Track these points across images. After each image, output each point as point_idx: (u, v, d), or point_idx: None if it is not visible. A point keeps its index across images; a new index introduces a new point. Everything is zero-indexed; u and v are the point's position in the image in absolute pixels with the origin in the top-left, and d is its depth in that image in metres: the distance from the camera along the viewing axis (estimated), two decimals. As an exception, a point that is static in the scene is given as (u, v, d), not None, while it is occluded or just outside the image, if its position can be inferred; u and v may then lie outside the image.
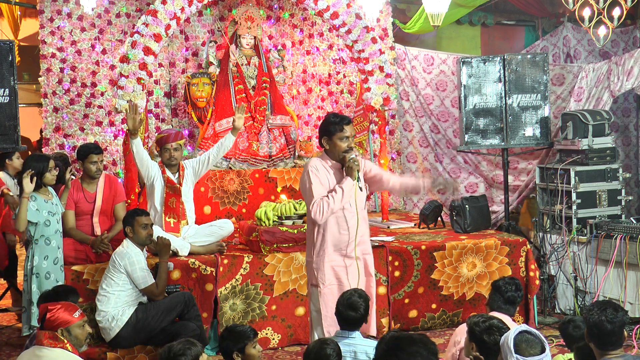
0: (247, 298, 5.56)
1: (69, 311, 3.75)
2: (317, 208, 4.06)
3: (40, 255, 4.93)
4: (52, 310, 3.72)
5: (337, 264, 4.24)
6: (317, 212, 4.07)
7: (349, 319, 3.83)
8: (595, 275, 6.06)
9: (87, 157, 5.54)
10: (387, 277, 5.84)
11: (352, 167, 4.14)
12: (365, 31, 7.15)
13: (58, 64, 7.37)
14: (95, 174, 5.58)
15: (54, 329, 3.69)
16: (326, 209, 4.06)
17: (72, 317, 3.74)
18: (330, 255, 4.21)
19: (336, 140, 4.18)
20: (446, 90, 8.43)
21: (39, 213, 4.90)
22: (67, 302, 3.95)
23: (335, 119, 4.22)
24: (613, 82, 7.11)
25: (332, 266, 4.22)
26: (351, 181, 4.14)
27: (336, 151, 4.20)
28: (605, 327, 3.24)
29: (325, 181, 4.17)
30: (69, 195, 5.47)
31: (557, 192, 6.47)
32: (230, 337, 3.80)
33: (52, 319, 3.69)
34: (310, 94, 8.30)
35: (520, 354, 2.97)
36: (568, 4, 6.36)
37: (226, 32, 7.58)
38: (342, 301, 3.85)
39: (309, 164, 4.20)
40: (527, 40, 9.78)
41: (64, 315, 3.71)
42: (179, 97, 7.71)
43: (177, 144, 5.81)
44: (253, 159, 7.26)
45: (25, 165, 4.96)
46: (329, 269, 4.20)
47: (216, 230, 5.84)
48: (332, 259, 4.22)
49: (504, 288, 4.10)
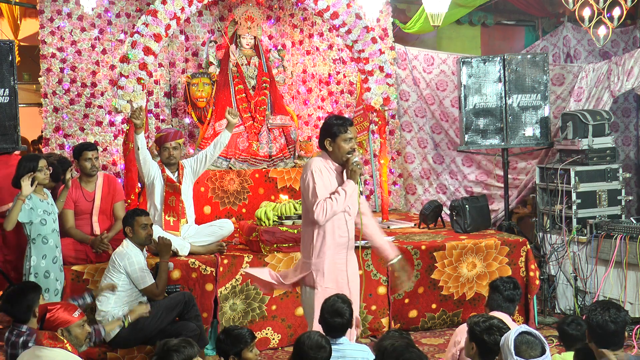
0: (247, 298, 5.56)
1: (69, 311, 3.75)
2: (321, 209, 4.05)
3: (38, 254, 4.92)
4: (52, 310, 3.71)
5: (337, 267, 4.22)
6: (321, 213, 4.05)
7: (335, 326, 3.75)
8: (595, 275, 6.06)
9: (81, 155, 5.58)
10: (387, 277, 5.84)
11: (356, 171, 4.15)
12: (365, 31, 7.15)
13: (58, 64, 7.37)
14: (90, 170, 5.59)
15: (54, 329, 3.68)
16: (329, 210, 4.05)
17: (72, 317, 3.74)
18: (330, 257, 4.19)
19: (340, 142, 4.16)
20: (446, 90, 8.42)
21: (33, 212, 4.89)
22: (66, 302, 3.97)
23: (338, 121, 4.21)
24: (613, 82, 7.11)
25: (332, 269, 4.20)
26: (354, 184, 4.14)
27: (339, 153, 4.18)
28: (609, 327, 3.24)
29: (328, 183, 4.16)
30: (68, 195, 5.48)
31: (557, 192, 6.47)
32: (227, 340, 3.77)
33: (51, 319, 3.68)
34: (310, 94, 8.29)
35: (521, 356, 2.96)
36: (568, 4, 6.36)
37: (226, 32, 7.58)
38: (327, 308, 3.77)
39: (312, 164, 4.17)
40: (527, 40, 9.78)
41: (63, 315, 3.71)
42: (179, 97, 7.71)
43: (176, 142, 5.83)
44: (253, 159, 7.26)
45: (19, 165, 4.96)
46: (328, 271, 4.18)
47: (216, 230, 5.85)
48: (331, 261, 4.20)
49: (503, 287, 4.11)
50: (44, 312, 3.72)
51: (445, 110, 8.40)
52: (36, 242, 4.93)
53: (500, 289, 4.10)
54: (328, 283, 4.18)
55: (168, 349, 3.27)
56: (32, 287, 4.20)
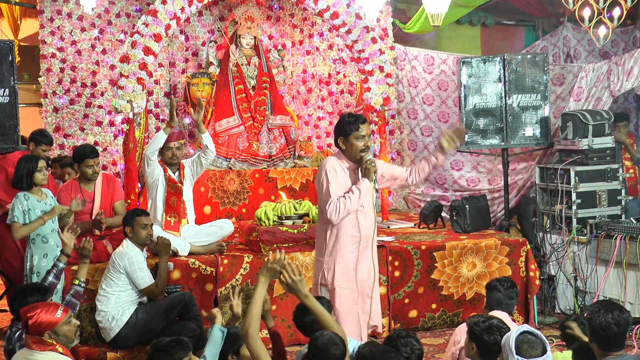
0: (247, 298, 5.56)
1: (51, 312, 3.54)
2: (334, 208, 4.08)
3: (39, 254, 4.93)
4: (32, 316, 3.50)
5: (349, 266, 4.23)
6: (333, 212, 4.08)
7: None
8: (595, 275, 6.06)
9: (83, 161, 5.56)
10: (387, 277, 5.84)
11: (370, 169, 4.15)
12: (365, 31, 7.15)
13: (58, 64, 7.37)
14: (92, 176, 5.60)
15: (41, 333, 3.51)
16: (342, 209, 4.08)
17: (55, 317, 3.53)
18: (343, 256, 4.20)
19: (352, 140, 4.18)
20: (447, 90, 8.42)
21: (31, 213, 4.90)
22: (45, 302, 3.77)
23: (350, 118, 4.22)
24: (613, 82, 7.11)
25: (343, 268, 4.21)
26: (368, 183, 4.15)
27: (353, 151, 4.20)
28: (612, 330, 3.22)
29: (342, 182, 4.18)
30: (67, 195, 5.49)
31: (557, 192, 6.47)
32: (225, 338, 3.75)
33: (35, 325, 3.49)
34: (310, 94, 8.30)
35: (522, 355, 2.96)
36: (568, 4, 6.36)
37: (226, 32, 7.58)
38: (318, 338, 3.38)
39: (327, 164, 4.20)
40: (527, 40, 9.78)
41: (45, 317, 3.51)
42: (179, 97, 7.71)
43: (179, 143, 5.82)
44: (253, 159, 7.26)
45: (18, 166, 4.98)
46: (339, 270, 4.20)
47: (216, 230, 5.85)
48: (344, 260, 4.21)
49: (500, 285, 4.10)
50: (26, 319, 3.51)
51: (446, 110, 8.39)
52: (36, 242, 4.94)
53: (497, 288, 4.10)
54: (341, 282, 4.19)
55: (157, 349, 3.26)
56: (37, 289, 4.12)
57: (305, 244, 5.70)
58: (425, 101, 8.51)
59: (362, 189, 4.12)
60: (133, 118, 6.58)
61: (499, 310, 4.04)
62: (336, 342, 3.30)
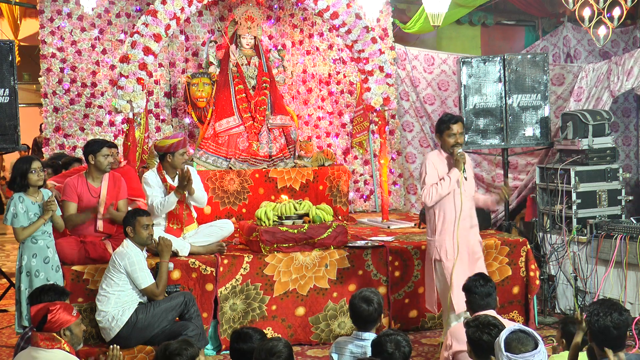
0: (247, 298, 5.56)
1: (68, 311, 3.78)
2: (427, 193, 4.85)
3: (28, 253, 4.96)
4: (53, 311, 3.71)
5: (453, 241, 4.83)
6: (427, 196, 4.85)
7: (362, 314, 3.88)
8: (595, 275, 6.06)
9: (100, 150, 5.37)
10: (387, 277, 5.84)
11: (459, 160, 4.84)
12: (365, 31, 7.15)
13: (58, 64, 7.37)
14: (107, 167, 5.44)
15: (55, 330, 3.68)
16: (434, 194, 4.82)
17: (71, 317, 3.77)
18: (449, 233, 4.86)
19: (445, 136, 4.91)
20: (448, 90, 8.43)
21: (26, 215, 4.92)
22: (63, 302, 3.95)
23: (445, 117, 4.96)
24: (613, 82, 7.11)
25: (451, 243, 4.83)
26: (457, 172, 4.84)
27: (445, 146, 4.93)
28: (611, 333, 3.19)
29: (441, 171, 4.90)
30: (72, 189, 5.40)
31: (557, 192, 6.47)
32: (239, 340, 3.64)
33: (53, 320, 3.69)
34: (310, 94, 8.29)
35: (511, 352, 2.98)
36: (568, 4, 6.36)
37: (226, 32, 7.58)
38: (356, 295, 4.00)
39: (428, 157, 4.98)
40: (527, 40, 9.78)
41: (64, 315, 3.73)
42: (179, 97, 7.71)
43: (184, 149, 5.74)
44: (253, 159, 7.25)
45: (14, 167, 5.00)
46: (449, 244, 4.83)
47: (216, 231, 5.84)
48: (450, 236, 4.85)
49: (474, 284, 4.09)
50: (45, 314, 3.70)
51: (447, 110, 8.40)
52: (25, 243, 4.99)
53: (472, 289, 4.08)
54: (451, 255, 4.82)
55: (169, 354, 3.26)
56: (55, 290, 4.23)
57: (305, 244, 5.70)
58: (426, 101, 8.52)
59: (452, 177, 4.84)
60: (133, 118, 6.58)
61: (480, 310, 4.00)
62: (370, 297, 3.85)
